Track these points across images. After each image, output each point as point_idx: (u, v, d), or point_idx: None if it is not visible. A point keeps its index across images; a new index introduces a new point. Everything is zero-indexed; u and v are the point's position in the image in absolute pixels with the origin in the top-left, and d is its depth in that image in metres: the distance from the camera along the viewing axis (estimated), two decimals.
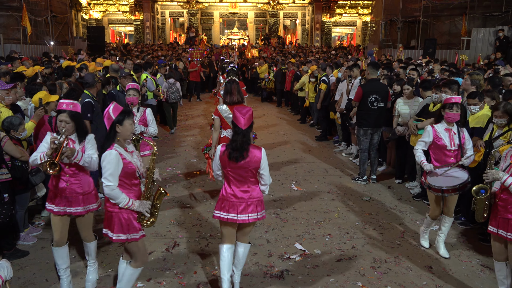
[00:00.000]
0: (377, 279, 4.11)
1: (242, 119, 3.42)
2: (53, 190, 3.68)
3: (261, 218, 3.61)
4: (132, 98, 5.35)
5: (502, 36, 14.55)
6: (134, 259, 3.49)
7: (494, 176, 3.43)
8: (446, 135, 4.32)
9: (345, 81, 8.61)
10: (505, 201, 3.44)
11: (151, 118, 5.42)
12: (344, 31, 32.32)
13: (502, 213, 3.46)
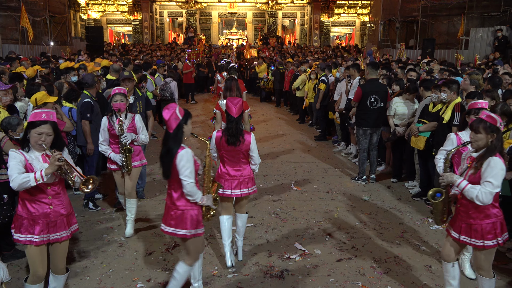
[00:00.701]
0: (377, 279, 4.12)
1: (234, 109, 3.94)
2: (28, 218, 3.18)
3: (252, 192, 4.21)
4: (120, 104, 4.78)
5: (500, 36, 14.57)
6: (189, 257, 3.53)
7: (449, 180, 3.28)
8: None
9: (344, 81, 8.62)
10: (466, 206, 3.27)
11: (141, 125, 4.97)
12: (343, 31, 32.31)
13: (464, 218, 3.30)
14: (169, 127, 3.39)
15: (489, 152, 3.14)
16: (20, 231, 3.19)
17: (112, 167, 4.97)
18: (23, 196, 3.20)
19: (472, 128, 3.24)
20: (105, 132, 4.82)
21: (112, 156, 4.84)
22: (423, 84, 6.21)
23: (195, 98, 16.46)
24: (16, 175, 2.98)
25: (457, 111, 5.23)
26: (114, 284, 4.02)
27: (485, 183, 3.09)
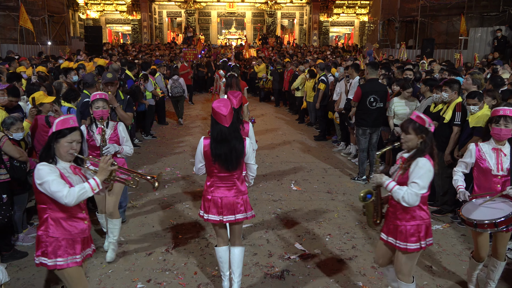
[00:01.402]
0: (378, 279, 4.11)
1: (234, 100, 4.03)
2: (67, 237, 2.84)
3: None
4: (102, 111, 4.23)
5: (500, 36, 14.58)
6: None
7: (378, 180, 3.16)
8: (493, 156, 3.51)
9: (343, 81, 8.62)
10: (395, 207, 3.16)
11: (125, 135, 4.47)
12: (342, 31, 32.32)
13: (392, 219, 3.22)
14: (225, 122, 3.33)
15: (418, 153, 3.06)
16: (57, 255, 2.80)
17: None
18: (56, 216, 2.81)
19: (402, 128, 3.19)
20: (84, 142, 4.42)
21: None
22: (427, 83, 6.19)
23: (195, 98, 16.44)
24: (67, 189, 2.68)
25: (458, 111, 5.22)
26: (114, 284, 4.01)
27: (412, 184, 2.99)
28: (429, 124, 3.07)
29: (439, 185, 5.65)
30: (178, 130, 11.05)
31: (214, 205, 3.51)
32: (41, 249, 2.82)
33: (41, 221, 2.84)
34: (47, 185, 2.68)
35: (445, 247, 4.76)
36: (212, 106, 3.39)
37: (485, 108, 4.93)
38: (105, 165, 2.81)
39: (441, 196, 5.61)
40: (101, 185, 2.79)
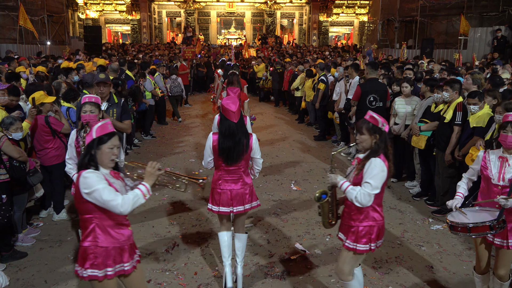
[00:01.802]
0: (379, 279, 4.10)
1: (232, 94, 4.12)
2: (116, 246, 2.74)
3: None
4: (89, 116, 3.88)
5: (499, 36, 14.58)
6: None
7: (332, 181, 3.15)
8: (497, 164, 3.28)
9: (343, 81, 8.61)
10: (350, 207, 3.15)
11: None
12: (342, 31, 32.34)
13: (346, 219, 3.20)
14: (233, 118, 3.51)
15: (373, 153, 3.02)
16: (106, 264, 2.68)
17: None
18: (104, 224, 2.69)
19: (356, 129, 3.17)
20: (71, 148, 3.96)
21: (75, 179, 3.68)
22: (427, 83, 6.18)
23: (194, 98, 16.45)
24: (121, 197, 2.58)
25: (459, 111, 5.21)
26: None
27: (365, 184, 2.96)
28: (382, 124, 3.03)
29: (439, 185, 5.65)
30: (177, 130, 11.04)
31: (225, 197, 3.67)
32: (90, 261, 2.66)
33: (87, 232, 2.68)
34: (97, 193, 2.56)
35: (446, 247, 4.75)
36: (222, 103, 3.56)
37: (486, 108, 4.93)
38: (152, 169, 2.73)
39: (441, 196, 5.60)
40: (151, 190, 2.72)
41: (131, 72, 9.33)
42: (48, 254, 4.57)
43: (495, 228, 3.07)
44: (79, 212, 2.74)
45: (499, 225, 3.09)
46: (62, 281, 4.05)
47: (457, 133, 5.24)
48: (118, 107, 5.37)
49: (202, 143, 9.38)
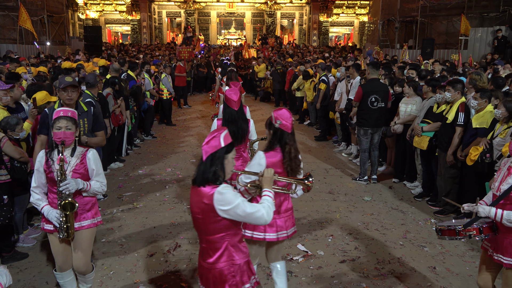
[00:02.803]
0: (381, 280, 4.08)
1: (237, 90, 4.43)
2: (247, 260, 2.63)
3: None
4: (65, 133, 3.16)
5: (500, 36, 14.57)
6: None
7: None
8: (503, 171, 3.07)
9: (344, 81, 8.60)
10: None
11: (95, 167, 3.36)
12: (342, 31, 32.33)
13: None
14: (235, 106, 4.02)
15: (266, 147, 3.20)
16: (243, 282, 2.56)
17: (46, 227, 3.32)
18: (234, 241, 2.50)
19: (265, 124, 3.31)
20: (40, 174, 3.23)
21: (45, 212, 3.22)
22: (429, 84, 6.17)
23: (194, 98, 16.38)
24: (262, 207, 2.40)
25: (461, 111, 5.21)
26: (116, 286, 3.98)
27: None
28: (275, 120, 3.09)
29: (441, 186, 5.63)
30: (178, 130, 11.01)
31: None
32: (228, 282, 2.48)
33: (219, 252, 2.46)
34: (239, 208, 2.34)
35: (448, 248, 4.73)
36: (225, 93, 4.08)
37: (489, 107, 4.92)
38: (269, 175, 2.59)
39: (444, 197, 5.57)
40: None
41: (133, 72, 9.31)
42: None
43: (461, 234, 3.02)
44: (205, 233, 2.46)
45: (468, 232, 3.01)
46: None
47: (459, 134, 5.23)
48: (88, 117, 4.60)
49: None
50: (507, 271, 3.04)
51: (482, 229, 3.01)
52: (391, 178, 7.08)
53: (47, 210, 3.22)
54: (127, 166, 7.71)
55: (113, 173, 7.26)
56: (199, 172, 2.42)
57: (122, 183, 6.80)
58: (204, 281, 2.54)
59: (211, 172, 2.39)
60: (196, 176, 2.43)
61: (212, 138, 2.43)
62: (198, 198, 2.40)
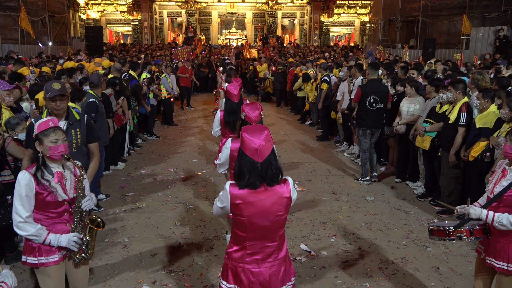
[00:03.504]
0: (385, 281, 4.08)
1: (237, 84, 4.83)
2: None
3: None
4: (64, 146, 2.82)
5: (502, 36, 14.55)
6: None
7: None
8: (497, 174, 3.00)
9: (346, 81, 8.59)
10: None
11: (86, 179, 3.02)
12: (343, 31, 32.31)
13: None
14: (236, 99, 4.44)
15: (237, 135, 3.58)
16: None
17: (51, 259, 2.83)
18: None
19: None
20: (30, 200, 2.73)
21: (55, 240, 2.78)
22: (432, 83, 6.16)
23: (195, 98, 16.31)
24: None
25: (463, 111, 5.20)
26: (119, 286, 3.98)
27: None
28: (241, 112, 3.32)
29: (444, 186, 5.62)
30: (180, 130, 11.01)
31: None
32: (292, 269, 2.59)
33: (285, 243, 2.54)
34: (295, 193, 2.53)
35: (451, 248, 4.73)
36: (227, 87, 4.62)
37: (493, 107, 4.91)
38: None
39: (447, 197, 5.57)
40: None
41: (135, 72, 9.32)
42: None
43: (451, 235, 2.99)
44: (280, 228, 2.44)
45: (458, 233, 2.97)
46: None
47: (461, 134, 5.22)
48: (81, 126, 4.08)
49: (204, 144, 9.37)
50: (500, 275, 2.98)
51: (473, 231, 2.96)
52: (394, 178, 7.07)
53: (57, 237, 2.79)
54: (129, 166, 7.71)
55: (115, 173, 7.26)
56: (268, 172, 2.32)
57: (125, 183, 6.80)
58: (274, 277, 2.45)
59: (277, 168, 2.37)
60: (264, 178, 2.32)
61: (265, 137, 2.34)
62: (276, 196, 2.35)
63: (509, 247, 2.88)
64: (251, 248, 2.40)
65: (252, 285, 2.42)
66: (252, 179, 2.30)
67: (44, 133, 2.78)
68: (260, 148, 2.30)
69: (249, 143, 2.31)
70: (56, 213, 2.83)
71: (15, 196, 2.71)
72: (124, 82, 7.76)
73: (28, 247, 2.82)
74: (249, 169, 2.31)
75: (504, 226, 2.78)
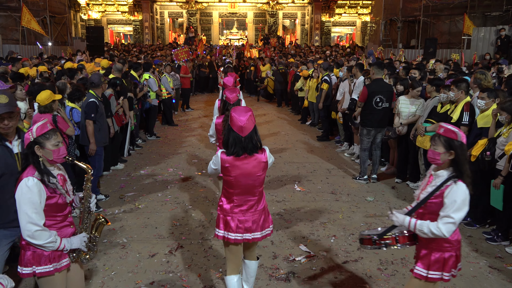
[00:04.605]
0: (385, 281, 4.05)
1: (231, 79, 5.48)
2: None
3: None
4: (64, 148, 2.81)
5: (503, 36, 14.50)
6: None
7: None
8: (425, 180, 2.97)
9: (347, 81, 8.56)
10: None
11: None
12: (344, 31, 32.29)
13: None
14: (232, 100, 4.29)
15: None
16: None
17: (63, 263, 2.81)
18: None
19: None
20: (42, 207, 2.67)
21: (68, 243, 2.78)
22: (432, 83, 6.13)
23: (196, 98, 16.25)
24: None
25: (466, 111, 5.17)
26: (117, 286, 3.96)
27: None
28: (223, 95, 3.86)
29: None
30: (180, 130, 11.00)
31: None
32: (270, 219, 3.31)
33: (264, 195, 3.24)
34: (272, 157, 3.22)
35: None
36: (223, 80, 5.42)
37: (494, 107, 4.88)
38: None
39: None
40: None
41: (136, 72, 9.31)
42: None
43: (378, 243, 2.92)
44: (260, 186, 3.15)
45: (383, 241, 2.91)
46: None
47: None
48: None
49: (205, 144, 9.35)
50: (414, 279, 2.90)
51: (398, 239, 2.88)
52: (394, 178, 7.04)
53: (68, 241, 2.79)
54: (129, 166, 7.69)
55: (115, 174, 7.25)
56: (248, 144, 2.98)
57: (124, 183, 6.79)
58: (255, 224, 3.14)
59: (257, 141, 3.02)
60: (246, 149, 2.98)
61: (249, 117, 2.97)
62: (256, 161, 3.02)
63: (431, 254, 2.81)
64: (237, 201, 3.09)
65: (239, 230, 3.11)
66: (236, 149, 2.98)
67: (45, 136, 2.70)
68: (244, 126, 2.94)
69: (236, 121, 2.95)
70: (62, 216, 2.81)
71: (25, 205, 2.59)
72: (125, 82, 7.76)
73: (35, 256, 2.71)
74: (235, 141, 2.98)
75: (425, 234, 2.70)
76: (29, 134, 2.72)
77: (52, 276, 2.77)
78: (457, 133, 2.70)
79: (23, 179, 2.64)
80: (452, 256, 2.79)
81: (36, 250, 2.69)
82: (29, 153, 2.71)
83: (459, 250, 2.85)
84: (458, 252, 2.83)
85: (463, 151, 2.72)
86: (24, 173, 2.69)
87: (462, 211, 2.63)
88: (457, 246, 2.82)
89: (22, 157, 2.78)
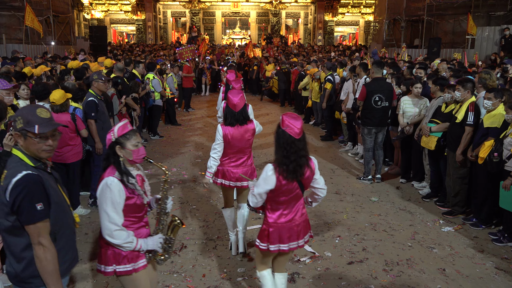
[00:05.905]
0: (390, 283, 4.02)
1: (233, 75, 6.02)
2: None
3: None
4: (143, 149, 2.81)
5: (508, 35, 14.43)
6: None
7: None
8: None
9: (351, 81, 8.53)
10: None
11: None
12: (347, 31, 32.20)
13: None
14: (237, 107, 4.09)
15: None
16: None
17: (140, 263, 2.80)
18: None
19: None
20: (121, 207, 2.67)
21: (145, 244, 2.77)
22: (436, 83, 6.09)
23: (198, 98, 16.22)
24: None
25: (471, 111, 5.12)
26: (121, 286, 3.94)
27: None
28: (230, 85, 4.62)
29: (450, 186, 5.56)
30: (183, 130, 10.99)
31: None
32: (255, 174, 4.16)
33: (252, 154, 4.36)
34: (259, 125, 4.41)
35: (458, 250, 4.67)
36: (226, 76, 6.00)
37: (501, 107, 4.84)
38: None
39: (453, 197, 5.51)
40: None
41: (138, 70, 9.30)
42: None
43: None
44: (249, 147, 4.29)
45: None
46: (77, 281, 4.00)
47: (468, 134, 5.15)
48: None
49: (208, 144, 9.33)
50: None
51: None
52: (398, 178, 7.01)
53: (146, 242, 2.77)
54: None
55: None
56: (240, 117, 4.06)
57: None
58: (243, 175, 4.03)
59: (246, 115, 4.13)
60: (238, 120, 4.06)
61: (241, 97, 4.06)
62: (246, 129, 4.12)
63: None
64: (233, 157, 4.18)
65: (232, 179, 4.19)
66: (231, 121, 4.06)
67: (126, 136, 2.68)
68: (236, 103, 4.03)
69: (231, 100, 4.05)
70: (138, 217, 2.80)
71: (106, 204, 2.61)
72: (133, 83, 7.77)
73: (113, 255, 2.74)
74: (230, 115, 4.07)
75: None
76: (110, 135, 2.70)
77: (135, 275, 2.80)
78: None
79: (104, 179, 2.66)
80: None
81: (115, 249, 2.72)
82: (110, 153, 2.71)
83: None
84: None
85: None
86: (105, 173, 2.69)
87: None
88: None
89: (103, 157, 2.78)
